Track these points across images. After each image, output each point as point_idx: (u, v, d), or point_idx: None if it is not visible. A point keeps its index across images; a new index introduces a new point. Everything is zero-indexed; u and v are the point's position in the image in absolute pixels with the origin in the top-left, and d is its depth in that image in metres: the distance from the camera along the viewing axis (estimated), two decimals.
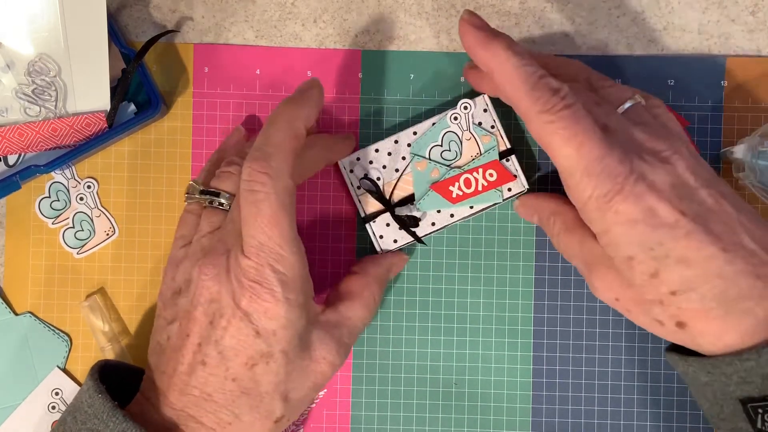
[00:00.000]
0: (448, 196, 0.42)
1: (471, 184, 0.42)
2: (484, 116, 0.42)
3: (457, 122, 0.42)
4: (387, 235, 0.42)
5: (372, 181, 0.42)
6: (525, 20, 0.49)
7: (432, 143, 0.42)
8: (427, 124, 0.42)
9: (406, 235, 0.42)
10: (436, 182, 0.42)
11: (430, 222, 0.43)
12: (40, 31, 0.45)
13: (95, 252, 0.49)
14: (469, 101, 0.42)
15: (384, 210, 0.42)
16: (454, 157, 0.42)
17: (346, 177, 0.42)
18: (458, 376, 0.49)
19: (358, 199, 0.42)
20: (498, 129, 0.42)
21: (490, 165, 0.42)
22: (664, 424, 0.48)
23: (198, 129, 0.49)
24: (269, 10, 0.49)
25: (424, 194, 0.42)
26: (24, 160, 0.48)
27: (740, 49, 0.49)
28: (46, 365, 0.49)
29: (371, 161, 0.42)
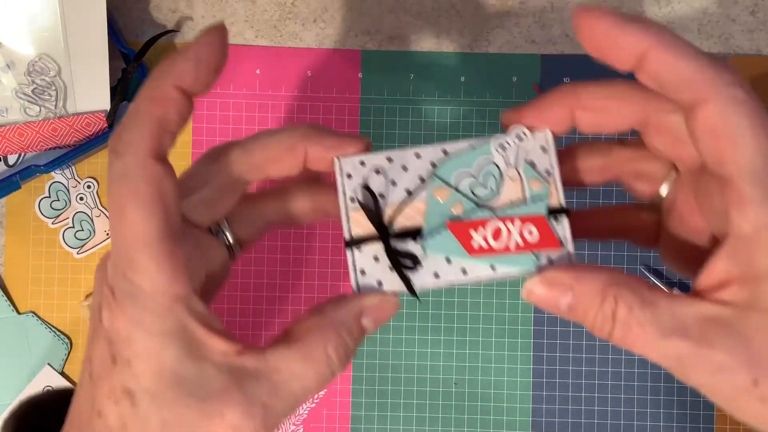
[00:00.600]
0: (467, 243, 0.30)
1: (500, 237, 0.30)
2: (540, 156, 0.31)
3: (503, 152, 0.31)
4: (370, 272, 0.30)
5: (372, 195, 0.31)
6: (525, 20, 0.49)
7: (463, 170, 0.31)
8: (463, 144, 0.31)
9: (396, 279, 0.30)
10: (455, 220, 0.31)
11: (433, 271, 0.30)
12: (40, 31, 0.45)
13: (95, 252, 0.49)
14: (526, 131, 0.30)
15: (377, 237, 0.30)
16: (487, 195, 0.31)
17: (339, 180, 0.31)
18: (458, 376, 0.49)
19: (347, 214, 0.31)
20: (554, 177, 0.31)
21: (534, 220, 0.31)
22: (665, 424, 0.48)
23: (198, 129, 0.49)
24: (269, 10, 0.50)
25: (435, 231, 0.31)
26: (24, 160, 0.48)
27: (740, 49, 0.49)
28: (43, 366, 0.49)
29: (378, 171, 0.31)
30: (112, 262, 0.27)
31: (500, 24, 0.49)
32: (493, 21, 0.49)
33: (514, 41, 0.49)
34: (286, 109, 0.49)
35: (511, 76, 0.49)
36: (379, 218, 0.30)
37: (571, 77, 0.49)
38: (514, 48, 0.49)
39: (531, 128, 0.30)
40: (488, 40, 0.49)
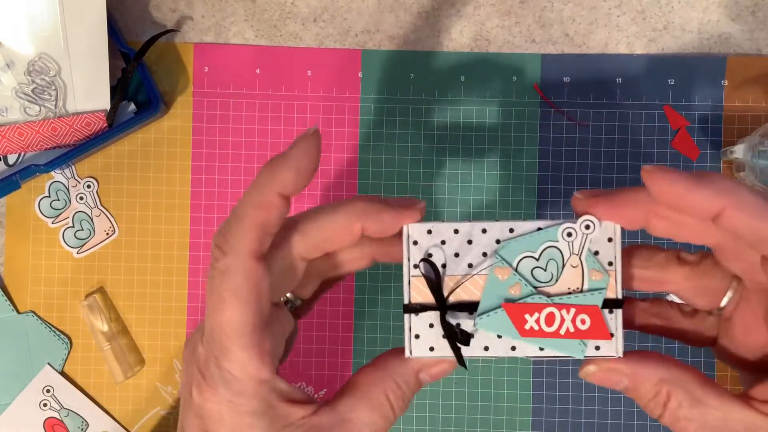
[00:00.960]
0: (520, 325, 0.32)
1: (554, 323, 0.32)
2: (605, 246, 0.31)
3: (569, 240, 0.32)
4: (424, 338, 0.32)
5: (434, 269, 0.32)
6: (525, 20, 0.49)
7: (527, 252, 0.32)
8: (530, 225, 0.32)
9: (446, 347, 0.32)
10: (511, 301, 0.32)
11: (483, 345, 0.32)
12: (40, 31, 0.45)
13: (95, 251, 0.49)
14: (594, 220, 0.31)
15: (434, 307, 0.32)
16: (546, 280, 0.32)
17: (406, 248, 0.32)
18: (458, 376, 0.49)
19: (409, 280, 0.32)
20: (617, 269, 0.32)
21: (588, 310, 0.32)
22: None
23: (198, 129, 0.49)
24: (269, 9, 0.50)
25: (490, 309, 0.32)
26: (24, 160, 0.48)
27: (740, 49, 0.49)
28: (43, 365, 0.49)
29: (443, 241, 0.32)
30: (205, 346, 0.30)
31: (500, 24, 0.49)
32: (493, 20, 0.49)
33: (514, 41, 0.49)
34: (286, 109, 0.49)
35: (511, 76, 0.49)
36: (439, 289, 0.32)
37: (571, 77, 0.49)
38: (514, 48, 0.49)
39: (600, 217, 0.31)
40: (488, 40, 0.49)
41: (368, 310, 0.49)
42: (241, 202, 0.30)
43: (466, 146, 0.49)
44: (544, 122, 0.49)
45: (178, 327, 0.49)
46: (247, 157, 0.49)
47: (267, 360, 0.30)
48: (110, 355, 0.48)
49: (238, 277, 0.29)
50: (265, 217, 0.29)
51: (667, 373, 0.30)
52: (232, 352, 0.29)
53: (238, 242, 0.29)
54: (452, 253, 0.32)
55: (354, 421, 0.31)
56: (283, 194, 0.30)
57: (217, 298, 0.29)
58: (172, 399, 0.50)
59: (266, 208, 0.29)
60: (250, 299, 0.29)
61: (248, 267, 0.29)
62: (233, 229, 0.29)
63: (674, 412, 0.29)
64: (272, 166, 0.30)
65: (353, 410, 0.31)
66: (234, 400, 0.29)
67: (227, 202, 0.49)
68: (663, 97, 0.48)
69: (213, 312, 0.29)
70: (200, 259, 0.49)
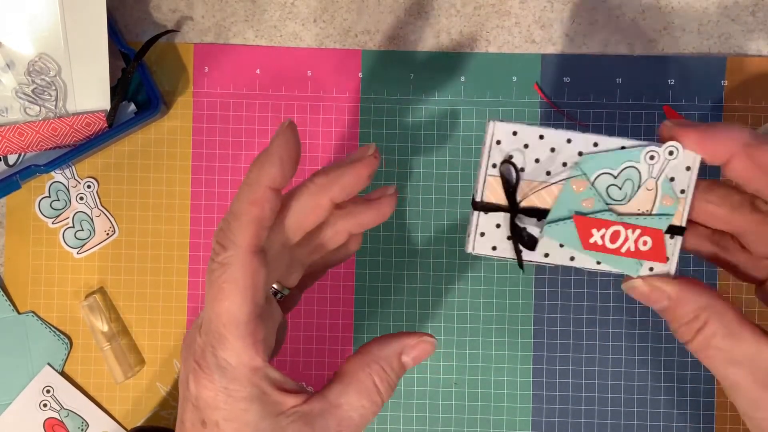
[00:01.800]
0: (585, 238, 0.32)
1: (617, 240, 0.32)
2: (682, 174, 0.32)
3: (651, 163, 0.32)
4: (489, 236, 0.33)
5: (515, 169, 0.32)
6: (525, 20, 0.49)
7: (606, 168, 0.32)
8: (614, 142, 0.32)
9: (508, 249, 0.33)
10: (582, 214, 0.32)
11: (544, 252, 0.33)
12: (40, 31, 0.45)
13: (95, 252, 0.49)
14: (679, 147, 0.32)
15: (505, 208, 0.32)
16: (620, 199, 0.32)
17: (488, 145, 0.32)
18: (458, 376, 0.49)
19: (485, 178, 0.32)
20: (687, 198, 0.32)
21: (652, 232, 0.32)
22: (664, 424, 0.48)
23: (198, 129, 0.49)
24: (269, 10, 0.50)
25: (560, 219, 0.32)
26: (24, 160, 0.48)
27: (740, 49, 0.49)
28: (43, 365, 0.49)
29: (526, 145, 0.32)
30: (203, 336, 0.31)
31: (500, 24, 0.49)
32: (493, 21, 0.49)
33: (514, 41, 0.49)
34: (286, 109, 0.49)
35: (511, 76, 0.49)
36: (513, 192, 0.32)
37: (571, 77, 0.49)
38: (514, 48, 0.49)
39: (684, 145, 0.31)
40: (488, 40, 0.49)
41: (368, 310, 0.49)
42: (236, 200, 0.31)
43: (465, 146, 0.49)
44: (544, 122, 0.49)
45: (178, 327, 0.49)
46: (247, 157, 0.49)
47: (260, 349, 0.31)
48: (110, 355, 0.48)
49: (237, 270, 0.30)
50: (259, 212, 0.31)
51: (710, 302, 0.31)
52: (228, 341, 0.31)
53: (237, 237, 0.31)
54: (533, 158, 0.32)
55: (343, 406, 0.33)
56: (273, 187, 0.31)
57: (216, 289, 0.31)
58: (172, 399, 0.50)
59: (260, 203, 0.31)
60: (248, 290, 0.31)
61: (247, 260, 0.31)
62: (232, 225, 0.31)
63: (707, 339, 0.30)
64: (258, 164, 0.32)
65: (342, 396, 0.33)
66: (229, 387, 0.31)
67: (227, 202, 0.49)
68: (663, 97, 0.48)
69: (211, 302, 0.31)
70: (200, 259, 0.49)
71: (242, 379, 0.31)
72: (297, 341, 0.49)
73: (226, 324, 0.31)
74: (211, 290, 0.31)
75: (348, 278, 0.49)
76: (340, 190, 0.33)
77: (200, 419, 0.32)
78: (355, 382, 0.33)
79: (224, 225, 0.31)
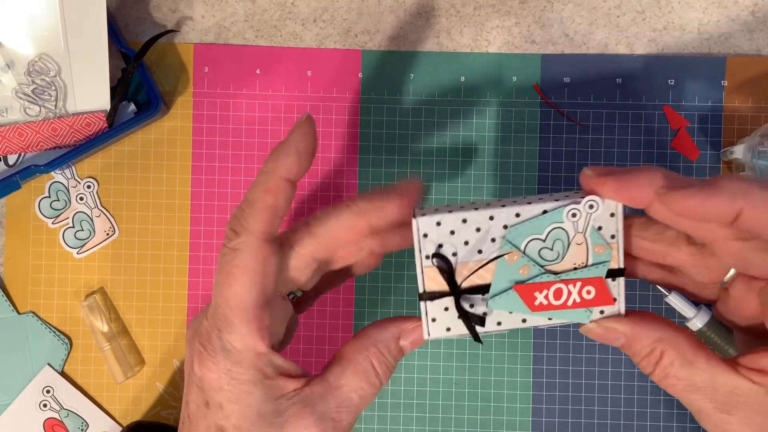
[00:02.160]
0: (530, 303, 0.34)
1: (561, 296, 0.34)
2: (608, 221, 0.33)
3: (574, 220, 0.33)
4: (441, 320, 0.34)
5: (446, 261, 0.34)
6: (525, 20, 0.49)
7: (533, 235, 0.33)
8: (535, 209, 0.33)
9: (462, 327, 0.34)
10: (521, 282, 0.34)
11: (496, 321, 0.34)
12: (40, 31, 0.45)
13: (95, 252, 0.49)
14: (597, 200, 0.32)
15: (448, 294, 0.34)
16: (553, 259, 0.33)
17: (417, 241, 0.33)
18: (458, 376, 0.49)
19: (422, 270, 0.34)
20: (618, 242, 0.33)
21: (592, 282, 0.34)
22: (664, 424, 0.48)
23: (198, 129, 0.49)
24: (269, 10, 0.49)
25: (502, 291, 0.34)
26: (24, 160, 0.48)
27: (740, 49, 0.49)
28: (43, 365, 0.49)
29: (453, 231, 0.33)
30: (210, 320, 0.32)
31: (500, 24, 0.49)
32: (493, 21, 0.49)
33: (514, 41, 0.49)
34: (286, 109, 0.49)
35: (511, 76, 0.49)
36: (452, 278, 0.34)
37: (571, 77, 0.49)
38: (514, 48, 0.49)
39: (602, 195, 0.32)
40: (488, 40, 0.49)
41: (368, 310, 0.49)
42: (252, 189, 0.32)
43: (466, 146, 0.49)
44: (544, 122, 0.49)
45: (178, 327, 0.49)
46: (247, 157, 0.49)
47: (265, 335, 0.32)
48: (110, 355, 0.48)
49: (248, 255, 0.31)
50: (274, 201, 0.32)
51: (662, 334, 0.32)
52: (234, 325, 0.31)
53: (250, 224, 0.32)
54: (462, 241, 0.33)
55: (343, 388, 0.34)
56: (288, 178, 0.32)
57: (226, 273, 0.31)
58: (172, 399, 0.50)
59: (274, 192, 0.32)
60: (257, 276, 0.31)
61: (258, 246, 0.31)
62: (246, 212, 0.32)
63: (665, 370, 0.32)
64: (275, 154, 0.32)
65: (341, 378, 0.34)
66: (233, 369, 0.32)
67: (227, 202, 0.49)
68: (663, 97, 0.48)
69: (221, 286, 0.32)
70: (200, 259, 0.49)
71: (246, 362, 0.32)
72: (297, 341, 0.49)
73: (234, 308, 0.31)
74: (221, 274, 0.32)
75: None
76: (381, 218, 0.33)
77: (204, 400, 0.33)
78: (353, 365, 0.34)
79: (238, 212, 0.32)
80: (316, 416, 0.33)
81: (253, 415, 0.32)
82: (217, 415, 0.32)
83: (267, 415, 0.33)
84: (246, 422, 0.32)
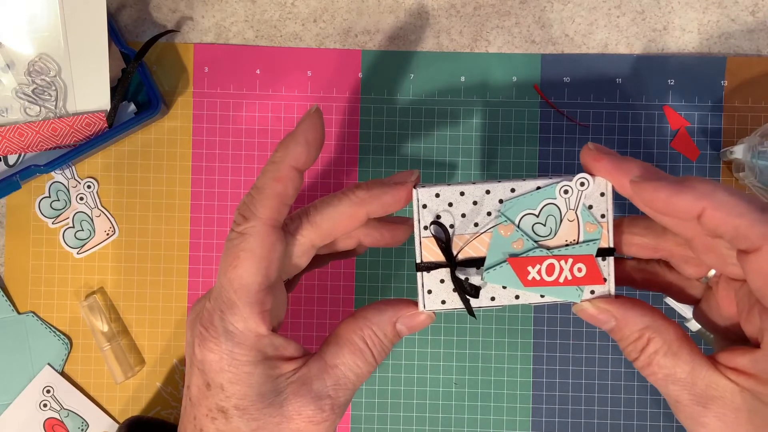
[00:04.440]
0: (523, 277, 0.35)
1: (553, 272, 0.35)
2: (598, 201, 0.34)
3: (566, 196, 0.34)
4: (436, 292, 0.35)
5: (444, 229, 0.34)
6: (525, 20, 0.49)
7: (527, 210, 0.35)
8: (530, 184, 0.34)
9: (457, 300, 0.35)
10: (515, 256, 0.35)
11: (490, 295, 0.35)
12: (40, 31, 0.45)
13: (95, 252, 0.49)
14: (588, 177, 0.34)
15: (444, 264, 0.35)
16: (546, 234, 0.35)
17: (416, 211, 0.34)
18: (458, 376, 0.49)
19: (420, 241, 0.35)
20: (608, 221, 0.34)
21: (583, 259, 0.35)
22: (664, 424, 0.48)
23: (198, 129, 0.49)
24: (269, 10, 0.49)
25: (496, 264, 0.35)
26: (24, 160, 0.48)
27: (740, 49, 0.49)
28: (43, 365, 0.49)
29: (450, 203, 0.35)
30: (212, 302, 0.33)
31: (500, 24, 0.49)
32: (493, 21, 0.49)
33: (514, 41, 0.49)
34: (286, 109, 0.49)
35: (511, 76, 0.49)
36: (448, 248, 0.35)
37: (571, 77, 0.49)
38: (514, 48, 0.49)
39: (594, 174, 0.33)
40: (488, 40, 0.49)
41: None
42: (261, 177, 0.33)
43: (466, 146, 0.49)
44: (544, 122, 0.49)
45: (178, 327, 0.49)
46: (247, 157, 0.49)
47: (267, 318, 0.33)
48: (110, 355, 0.48)
49: (255, 240, 0.32)
50: (282, 189, 0.33)
51: (652, 322, 0.33)
52: (237, 307, 0.32)
53: (258, 210, 0.32)
54: (459, 213, 0.35)
55: (339, 367, 0.34)
56: (297, 167, 0.33)
57: (232, 256, 0.32)
58: (172, 399, 0.50)
59: (283, 180, 0.33)
60: (263, 261, 0.32)
61: (266, 232, 0.32)
62: (255, 198, 0.33)
63: (650, 357, 0.32)
64: (284, 144, 0.33)
65: (337, 356, 0.35)
66: (234, 351, 0.33)
67: (227, 202, 0.49)
68: (663, 97, 0.48)
69: (225, 269, 0.32)
70: (200, 259, 0.49)
71: (247, 344, 0.33)
72: (297, 341, 0.49)
73: (238, 290, 0.32)
74: (227, 258, 0.32)
75: (348, 278, 0.49)
76: (379, 207, 0.34)
77: (205, 382, 0.33)
78: (349, 344, 0.35)
79: (247, 198, 0.33)
80: (313, 394, 0.34)
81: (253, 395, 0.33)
82: (218, 396, 0.33)
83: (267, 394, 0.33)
84: (246, 402, 0.33)
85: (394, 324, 0.36)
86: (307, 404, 0.33)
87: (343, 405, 0.35)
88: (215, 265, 0.49)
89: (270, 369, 0.34)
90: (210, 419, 0.34)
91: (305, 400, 0.34)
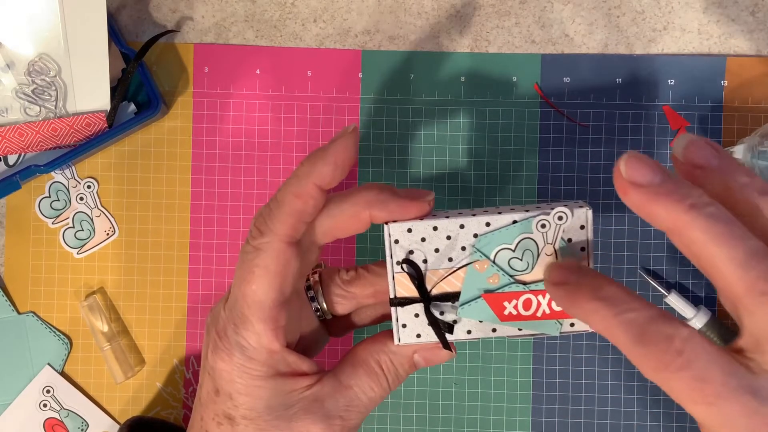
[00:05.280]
0: (499, 312, 0.34)
1: (530, 307, 0.33)
2: (577, 233, 0.33)
3: (543, 230, 0.33)
4: (411, 326, 0.34)
5: (416, 267, 0.33)
6: (525, 20, 0.49)
7: (503, 245, 0.33)
8: (505, 219, 0.33)
9: (432, 334, 0.34)
10: (490, 291, 0.33)
11: (466, 329, 0.34)
12: (40, 31, 0.45)
13: (95, 252, 0.49)
14: (567, 211, 0.32)
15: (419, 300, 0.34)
16: (523, 269, 0.33)
17: (388, 247, 0.33)
18: (458, 376, 0.49)
19: (393, 277, 0.34)
20: (588, 253, 0.33)
21: None
22: (664, 424, 0.48)
23: (198, 129, 0.49)
24: (269, 10, 0.49)
25: (471, 300, 0.34)
26: (24, 160, 0.48)
27: (740, 49, 0.49)
28: (43, 365, 0.49)
29: (423, 239, 0.33)
30: (227, 312, 0.33)
31: (500, 24, 0.49)
32: (493, 21, 0.49)
33: (514, 41, 0.49)
34: (286, 110, 0.49)
35: (511, 76, 0.49)
36: (422, 284, 0.34)
37: (571, 77, 0.49)
38: (514, 48, 0.49)
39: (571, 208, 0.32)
40: (488, 40, 0.49)
41: None
42: (282, 190, 0.32)
43: (465, 146, 0.49)
44: (544, 122, 0.49)
45: (178, 327, 0.49)
46: (247, 157, 0.49)
47: (280, 335, 0.33)
48: (110, 355, 0.48)
49: (269, 256, 0.32)
50: (302, 206, 0.32)
51: None
52: (250, 322, 0.32)
53: (275, 225, 0.32)
54: (433, 248, 0.34)
55: (353, 388, 0.34)
56: (321, 186, 0.32)
57: (246, 271, 0.32)
58: (172, 399, 0.50)
59: (304, 197, 0.32)
60: (276, 278, 0.32)
61: (281, 249, 0.32)
62: (273, 212, 0.32)
63: None
64: (312, 160, 0.32)
65: (352, 377, 0.34)
66: (246, 365, 0.32)
67: (227, 202, 0.49)
68: (663, 97, 0.48)
69: (240, 283, 0.32)
70: (200, 259, 0.49)
71: (260, 359, 0.32)
72: None
73: (251, 306, 0.32)
74: (241, 271, 0.32)
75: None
76: (386, 214, 0.33)
77: (214, 388, 0.33)
78: (365, 366, 0.35)
79: (265, 211, 0.32)
80: (324, 413, 0.33)
81: (262, 407, 0.33)
82: (226, 404, 0.33)
83: (276, 408, 0.33)
84: (254, 414, 0.33)
85: (412, 355, 0.35)
86: (317, 422, 0.33)
87: (353, 428, 0.34)
88: (215, 265, 0.49)
89: (281, 384, 0.33)
90: (216, 423, 0.34)
91: (315, 417, 0.33)
